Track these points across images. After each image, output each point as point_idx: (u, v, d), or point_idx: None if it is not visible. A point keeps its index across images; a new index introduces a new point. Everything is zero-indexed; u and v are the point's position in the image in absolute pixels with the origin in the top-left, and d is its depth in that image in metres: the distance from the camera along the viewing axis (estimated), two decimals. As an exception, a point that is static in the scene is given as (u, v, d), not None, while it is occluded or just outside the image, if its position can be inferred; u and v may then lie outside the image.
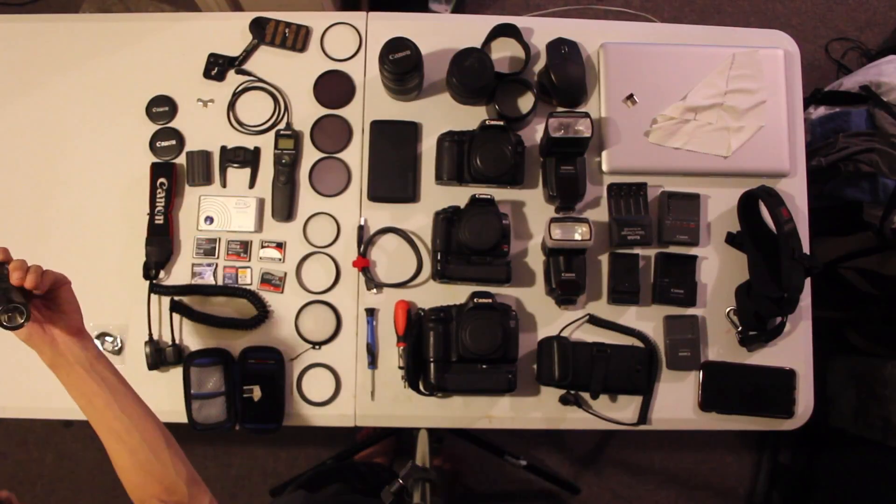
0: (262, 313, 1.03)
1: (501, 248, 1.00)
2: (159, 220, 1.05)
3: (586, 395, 1.02)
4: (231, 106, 1.10)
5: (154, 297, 1.04)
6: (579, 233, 0.97)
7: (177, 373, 1.01)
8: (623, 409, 1.04)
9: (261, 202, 1.07)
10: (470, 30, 1.11)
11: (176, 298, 1.04)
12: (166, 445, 0.75)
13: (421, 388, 1.00)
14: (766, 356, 1.06)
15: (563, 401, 1.02)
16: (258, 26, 1.11)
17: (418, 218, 1.07)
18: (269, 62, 1.12)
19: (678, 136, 1.08)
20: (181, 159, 1.09)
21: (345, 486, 1.15)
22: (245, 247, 1.06)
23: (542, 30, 1.13)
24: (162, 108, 1.10)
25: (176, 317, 1.04)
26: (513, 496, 1.88)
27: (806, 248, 1.04)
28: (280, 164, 1.07)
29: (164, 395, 1.02)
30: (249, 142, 1.09)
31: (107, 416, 0.73)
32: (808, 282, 1.01)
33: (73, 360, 0.73)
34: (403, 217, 1.08)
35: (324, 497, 1.07)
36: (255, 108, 1.10)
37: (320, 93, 1.11)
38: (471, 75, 1.03)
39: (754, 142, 1.08)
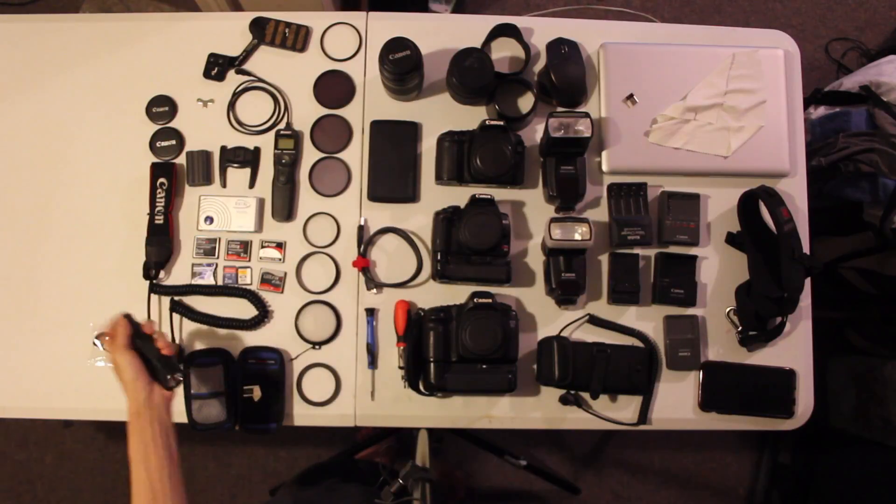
0: (262, 313, 1.03)
1: (501, 248, 1.00)
2: (159, 220, 1.05)
3: (586, 395, 1.02)
4: (231, 106, 1.10)
5: (154, 297, 1.04)
6: (579, 233, 0.97)
7: (177, 373, 1.01)
8: (623, 409, 1.04)
9: (261, 202, 1.07)
10: (470, 30, 1.11)
11: (176, 298, 1.04)
12: None
13: (421, 388, 0.99)
14: (766, 356, 1.06)
15: (563, 401, 1.02)
16: (258, 26, 1.11)
17: (418, 218, 1.07)
18: (269, 62, 1.12)
19: (678, 136, 1.08)
20: (181, 159, 1.09)
21: (339, 481, 1.15)
22: (245, 247, 1.06)
23: (542, 30, 1.13)
24: (162, 108, 1.09)
25: (176, 317, 1.04)
26: (513, 496, 1.88)
27: (806, 248, 1.04)
28: (280, 164, 1.07)
29: (164, 395, 1.02)
30: (249, 142, 1.09)
31: (155, 476, 0.77)
32: (808, 282, 1.01)
33: (155, 418, 0.80)
34: (403, 217, 1.07)
35: (314, 492, 1.07)
36: (255, 108, 1.10)
37: (320, 93, 1.11)
38: (471, 75, 1.03)
39: (754, 142, 1.08)
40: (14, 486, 1.84)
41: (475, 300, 0.97)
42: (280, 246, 1.06)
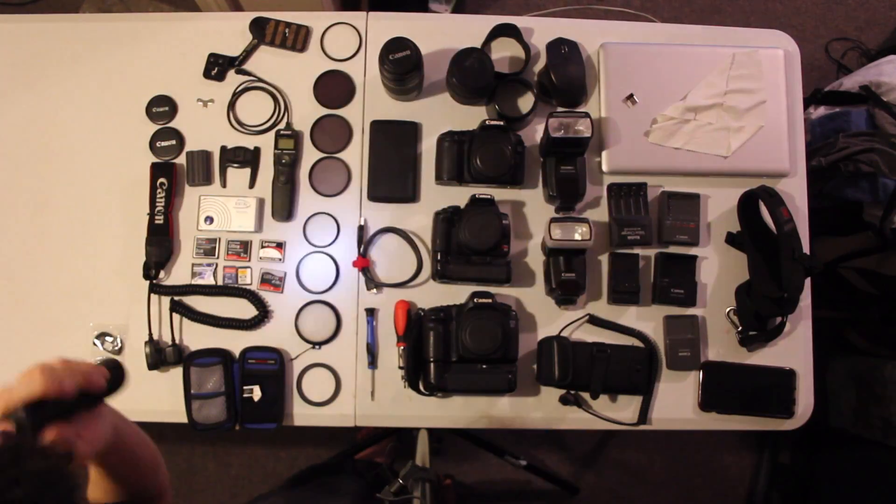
0: (262, 313, 1.03)
1: (501, 248, 1.00)
2: (159, 220, 1.05)
3: (586, 395, 1.02)
4: (231, 106, 1.10)
5: (154, 297, 1.04)
6: (579, 233, 0.97)
7: (177, 373, 1.01)
8: (623, 409, 1.04)
9: (261, 202, 1.07)
10: (470, 30, 1.11)
11: (176, 298, 1.04)
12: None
13: (421, 388, 0.99)
14: (766, 356, 1.06)
15: (563, 401, 1.02)
16: (258, 26, 1.11)
17: (418, 218, 1.07)
18: (269, 62, 1.12)
19: (678, 136, 1.07)
20: (181, 159, 1.09)
21: (333, 478, 1.15)
22: (245, 247, 1.06)
23: (542, 30, 1.13)
24: (162, 108, 1.09)
25: (176, 317, 1.04)
26: (513, 496, 1.88)
27: (806, 248, 1.04)
28: (280, 164, 1.07)
29: (164, 395, 1.02)
30: (249, 142, 1.09)
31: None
32: (808, 282, 1.01)
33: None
34: (403, 217, 1.07)
35: (306, 488, 1.07)
36: (255, 108, 1.10)
37: (320, 93, 1.10)
38: (471, 75, 1.03)
39: (754, 142, 1.08)
40: (14, 486, 1.84)
41: (475, 300, 0.97)
42: (280, 246, 1.06)
